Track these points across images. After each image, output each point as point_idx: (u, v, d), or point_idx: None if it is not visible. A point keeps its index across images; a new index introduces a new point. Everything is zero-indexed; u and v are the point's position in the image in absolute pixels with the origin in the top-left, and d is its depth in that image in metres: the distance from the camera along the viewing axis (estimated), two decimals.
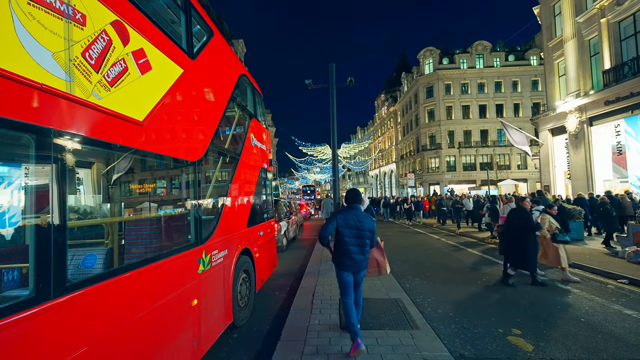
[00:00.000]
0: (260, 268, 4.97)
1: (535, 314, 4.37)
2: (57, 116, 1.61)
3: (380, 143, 57.96)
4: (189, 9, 3.08)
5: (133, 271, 2.10)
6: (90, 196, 3.35)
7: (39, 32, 1.51)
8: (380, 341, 3.36)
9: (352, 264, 3.22)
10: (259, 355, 3.41)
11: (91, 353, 1.70)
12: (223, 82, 3.97)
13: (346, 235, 3.20)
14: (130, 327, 2.02)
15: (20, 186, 2.38)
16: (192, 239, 2.97)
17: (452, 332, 3.82)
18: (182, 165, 3.01)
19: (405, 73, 43.93)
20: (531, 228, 5.53)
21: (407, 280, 6.15)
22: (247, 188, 4.71)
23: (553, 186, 16.09)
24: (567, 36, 14.65)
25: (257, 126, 5.38)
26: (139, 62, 2.22)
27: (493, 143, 34.84)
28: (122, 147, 2.15)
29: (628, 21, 12.28)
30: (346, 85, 12.20)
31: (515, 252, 5.67)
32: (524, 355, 3.26)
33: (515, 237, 5.66)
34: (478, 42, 35.98)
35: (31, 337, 1.41)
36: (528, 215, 5.65)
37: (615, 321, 4.10)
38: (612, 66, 12.51)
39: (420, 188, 36.75)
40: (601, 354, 3.28)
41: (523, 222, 5.58)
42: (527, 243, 5.52)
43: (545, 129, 16.49)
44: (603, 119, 13.15)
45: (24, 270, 2.12)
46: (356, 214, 3.29)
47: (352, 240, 3.21)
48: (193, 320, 2.84)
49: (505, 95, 35.15)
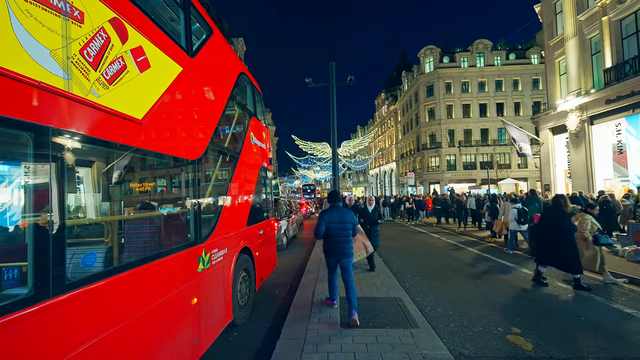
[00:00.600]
0: (260, 267, 4.97)
1: (534, 312, 4.37)
2: (56, 114, 1.60)
3: (380, 142, 57.91)
4: (188, 6, 3.06)
5: (132, 270, 2.10)
6: (90, 195, 3.34)
7: (37, 30, 1.50)
8: (380, 340, 3.36)
9: (337, 251, 4.04)
10: (258, 353, 3.41)
11: (91, 350, 1.70)
12: (223, 81, 3.96)
13: (332, 229, 4.02)
14: (129, 325, 2.02)
15: (19, 185, 2.38)
16: (191, 238, 2.97)
17: (452, 331, 3.82)
18: (181, 164, 3.01)
19: (406, 72, 43.84)
20: (567, 230, 5.26)
21: (407, 279, 6.15)
22: (247, 187, 4.70)
23: (553, 185, 16.08)
24: (568, 34, 14.59)
25: (256, 125, 5.37)
26: (138, 60, 2.21)
27: (493, 142, 34.80)
28: (121, 145, 2.14)
29: (630, 19, 12.22)
30: (346, 84, 12.17)
31: (552, 253, 5.40)
32: (524, 354, 3.26)
33: (551, 239, 5.39)
34: (479, 40, 35.88)
35: (31, 335, 1.41)
36: (565, 216, 5.37)
37: (614, 320, 4.10)
38: (614, 65, 12.46)
39: (420, 187, 36.74)
40: (600, 352, 3.28)
41: (559, 224, 5.31)
42: (563, 244, 5.25)
43: (546, 127, 16.45)
44: (604, 118, 13.11)
45: (24, 269, 2.12)
46: (338, 210, 4.10)
47: (337, 232, 4.02)
48: (193, 318, 2.84)
49: (506, 94, 35.08)
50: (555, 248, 5.34)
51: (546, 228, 5.60)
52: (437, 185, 34.89)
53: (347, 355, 3.06)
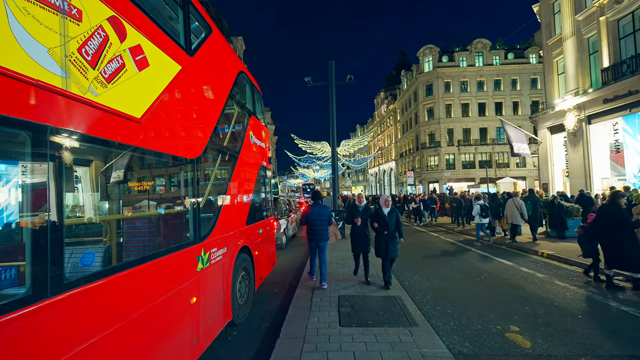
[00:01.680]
0: (259, 266, 4.97)
1: (533, 310, 4.39)
2: (54, 113, 1.59)
3: (379, 141, 57.94)
4: (186, 5, 3.05)
5: (131, 269, 2.10)
6: (88, 194, 3.33)
7: (34, 28, 1.49)
8: (380, 338, 3.37)
9: (317, 237, 5.36)
10: (258, 352, 3.41)
11: (91, 350, 1.69)
12: (222, 80, 3.94)
13: (314, 220, 5.36)
14: (128, 324, 2.02)
15: (17, 184, 2.37)
16: (190, 237, 2.96)
17: (451, 329, 3.84)
18: (180, 163, 3.00)
19: (405, 71, 43.87)
20: (627, 226, 5.03)
21: (406, 278, 6.16)
22: (246, 186, 4.69)
23: (551, 184, 16.14)
24: (567, 34, 14.63)
25: (256, 124, 5.36)
26: (136, 59, 2.20)
27: (492, 141, 34.89)
28: (120, 144, 2.13)
29: (627, 19, 12.27)
30: (346, 83, 12.16)
31: (613, 252, 5.19)
32: (522, 352, 3.27)
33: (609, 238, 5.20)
34: (477, 40, 35.94)
35: (29, 334, 1.40)
36: (623, 212, 5.17)
37: (612, 317, 4.12)
38: (611, 64, 12.50)
39: (419, 186, 36.80)
40: (598, 350, 3.30)
41: (617, 220, 5.12)
42: (624, 241, 5.01)
43: (544, 127, 16.50)
44: (601, 117, 13.16)
45: (22, 268, 2.11)
46: (318, 206, 5.50)
47: (317, 222, 5.35)
48: (192, 317, 2.84)
49: (505, 94, 35.16)
50: (615, 246, 5.09)
51: (603, 227, 5.32)
52: (437, 184, 34.96)
53: (347, 354, 3.07)
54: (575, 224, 9.47)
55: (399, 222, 5.14)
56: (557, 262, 7.25)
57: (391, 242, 5.08)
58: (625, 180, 12.12)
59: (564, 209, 9.73)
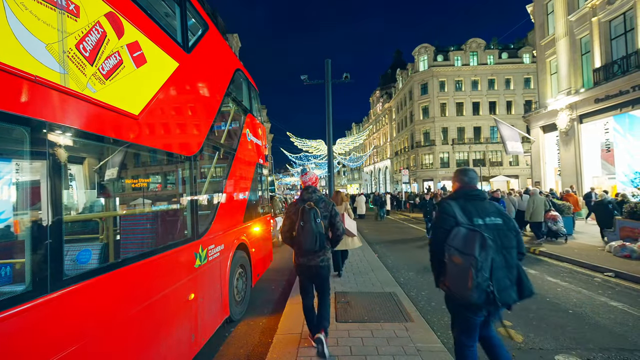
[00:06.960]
0: (256, 263, 4.99)
1: (525, 306, 4.47)
2: (52, 109, 1.59)
3: (375, 139, 58.11)
4: (183, 1, 3.03)
5: (129, 265, 2.10)
6: (86, 191, 3.31)
7: (32, 23, 1.48)
8: (376, 334, 3.42)
9: None
10: (255, 348, 3.44)
11: (89, 346, 1.70)
12: (219, 77, 3.94)
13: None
14: (127, 320, 2.03)
15: (15, 180, 2.34)
16: (188, 234, 2.96)
17: (445, 324, 3.90)
18: (177, 160, 3.00)
19: (400, 70, 43.98)
20: None
21: (402, 275, 6.24)
22: (243, 183, 4.70)
23: (544, 182, 16.41)
24: (559, 34, 14.83)
25: (252, 122, 5.36)
26: (134, 55, 2.19)
27: (486, 140, 35.24)
28: (118, 141, 2.13)
29: (618, 20, 12.48)
30: (342, 81, 12.17)
31: None
32: (515, 346, 3.35)
33: None
34: (472, 39, 36.16)
35: (28, 330, 1.41)
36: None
37: (601, 312, 4.24)
38: (603, 65, 12.72)
39: (414, 184, 37.05)
40: (588, 344, 3.40)
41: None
42: None
43: (537, 126, 16.74)
44: (593, 117, 13.40)
45: (19, 265, 2.10)
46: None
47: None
48: (190, 314, 2.85)
49: (498, 93, 35.49)
50: None
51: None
52: (431, 183, 35.25)
53: (344, 349, 3.11)
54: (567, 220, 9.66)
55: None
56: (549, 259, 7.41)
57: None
58: (614, 179, 12.39)
59: (556, 206, 9.91)
